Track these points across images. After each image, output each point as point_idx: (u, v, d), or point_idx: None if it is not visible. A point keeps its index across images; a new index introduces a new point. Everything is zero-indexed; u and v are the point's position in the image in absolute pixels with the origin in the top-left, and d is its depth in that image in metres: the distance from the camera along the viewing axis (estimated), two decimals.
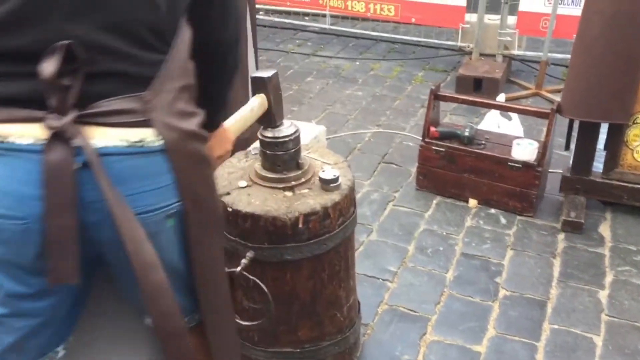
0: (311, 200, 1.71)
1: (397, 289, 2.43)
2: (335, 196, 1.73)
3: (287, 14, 5.43)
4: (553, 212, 2.91)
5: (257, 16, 5.44)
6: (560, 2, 3.99)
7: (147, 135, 1.02)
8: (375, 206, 2.97)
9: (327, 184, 1.71)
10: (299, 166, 1.78)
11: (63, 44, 0.96)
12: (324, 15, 5.17)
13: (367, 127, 3.79)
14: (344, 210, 1.76)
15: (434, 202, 3.00)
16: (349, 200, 1.79)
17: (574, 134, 2.79)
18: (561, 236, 2.74)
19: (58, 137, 0.97)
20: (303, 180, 1.78)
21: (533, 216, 2.86)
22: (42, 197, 0.98)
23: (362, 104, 4.15)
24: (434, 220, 2.86)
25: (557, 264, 2.58)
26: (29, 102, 0.99)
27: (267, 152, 1.75)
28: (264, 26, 5.61)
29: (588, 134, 2.72)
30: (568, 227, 2.75)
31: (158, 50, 1.07)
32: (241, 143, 1.85)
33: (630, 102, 2.57)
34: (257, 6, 5.30)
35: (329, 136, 3.63)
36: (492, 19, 4.50)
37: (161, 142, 1.03)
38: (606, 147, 2.78)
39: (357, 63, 4.89)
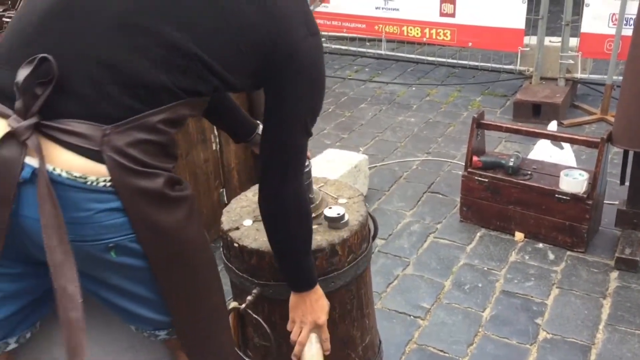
0: (319, 236, 1.66)
1: (428, 328, 2.33)
2: (343, 233, 1.68)
3: (348, 39, 5.45)
4: (608, 248, 2.71)
5: None
6: (625, 23, 3.77)
7: (94, 172, 1.04)
8: (415, 238, 2.88)
9: (332, 222, 1.66)
10: (309, 201, 1.74)
11: (42, 57, 1.02)
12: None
13: (415, 155, 3.70)
14: (354, 247, 1.71)
15: (478, 234, 2.87)
16: (361, 236, 1.73)
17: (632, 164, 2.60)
18: (614, 275, 2.54)
19: (13, 137, 1.02)
20: (313, 215, 1.73)
21: (584, 252, 2.68)
22: None
23: (414, 130, 4.06)
24: (476, 255, 2.73)
25: (606, 305, 2.39)
26: (6, 97, 1.06)
27: None
28: (324, 52, 5.65)
29: None
30: (622, 265, 2.55)
31: (140, 101, 1.08)
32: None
33: None
34: None
35: (376, 164, 3.58)
36: (553, 41, 4.32)
37: (107, 182, 1.05)
38: None
39: (413, 88, 4.82)
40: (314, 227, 1.71)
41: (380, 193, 3.29)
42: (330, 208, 1.70)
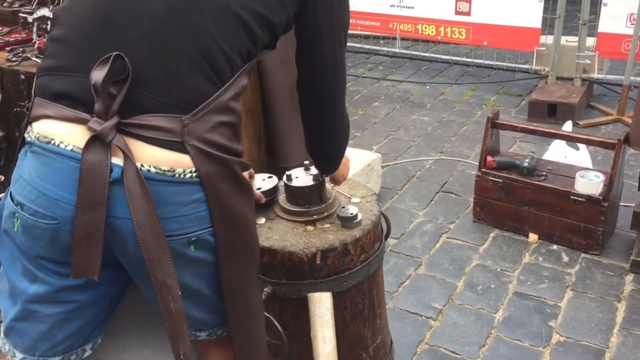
0: (331, 235, 1.66)
1: (440, 328, 2.31)
2: (356, 232, 1.67)
3: (362, 37, 5.43)
4: (623, 251, 2.67)
5: None
6: None
7: (180, 163, 1.06)
8: (427, 238, 2.86)
9: (345, 222, 1.65)
10: (322, 200, 1.73)
11: (116, 55, 1.03)
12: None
13: (429, 154, 3.68)
14: (366, 247, 1.70)
15: (491, 235, 2.85)
16: (373, 236, 1.72)
17: None
18: (629, 278, 2.51)
19: (98, 139, 1.02)
20: (326, 214, 1.73)
21: (599, 254, 2.65)
22: (74, 201, 1.03)
23: (427, 129, 4.04)
24: (489, 255, 2.71)
25: (621, 308, 2.36)
26: (79, 102, 1.06)
27: (290, 184, 1.72)
28: None
29: None
30: (637, 268, 2.52)
31: (210, 81, 1.09)
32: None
33: None
34: None
35: (389, 163, 3.56)
36: (569, 41, 4.27)
37: (193, 173, 1.07)
38: None
39: (427, 87, 4.79)
40: (327, 225, 1.71)
41: (393, 192, 3.28)
42: (343, 207, 1.69)
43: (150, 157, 1.05)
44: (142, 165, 1.04)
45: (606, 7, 3.92)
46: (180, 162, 1.06)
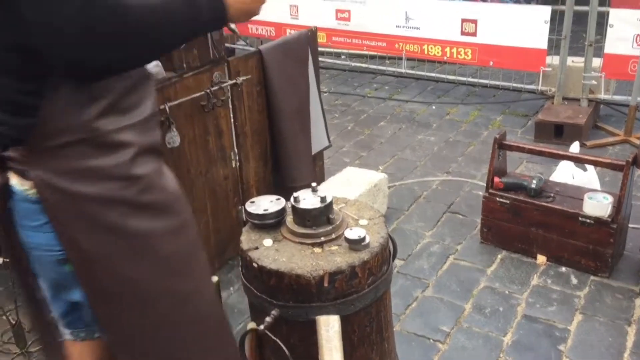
0: (339, 258, 1.64)
1: (448, 352, 2.28)
2: (364, 255, 1.65)
3: (368, 57, 5.45)
4: (633, 273, 2.65)
5: (337, 61, 5.52)
6: None
7: (29, 187, 1.16)
8: (434, 259, 2.84)
9: (352, 244, 1.64)
10: (329, 221, 1.73)
11: None
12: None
13: (435, 175, 3.67)
14: (374, 270, 1.68)
15: (499, 257, 2.82)
16: (381, 259, 1.70)
17: None
18: (639, 301, 2.48)
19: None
20: (333, 236, 1.72)
21: (609, 277, 2.62)
22: None
23: (434, 149, 4.03)
24: (496, 277, 2.68)
25: (631, 332, 2.33)
26: None
27: (297, 206, 1.71)
28: (343, 70, 5.67)
29: None
30: None
31: (23, 114, 1.13)
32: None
33: None
34: (336, 51, 5.40)
35: (395, 183, 3.55)
36: (576, 61, 4.28)
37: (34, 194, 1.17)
38: None
39: (433, 107, 4.80)
40: (334, 247, 1.70)
41: (400, 212, 3.26)
42: (351, 229, 1.68)
43: (16, 179, 1.18)
44: (13, 185, 1.19)
45: (612, 29, 3.93)
46: (28, 186, 1.17)
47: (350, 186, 2.97)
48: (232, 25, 1.44)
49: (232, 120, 2.71)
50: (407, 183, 3.59)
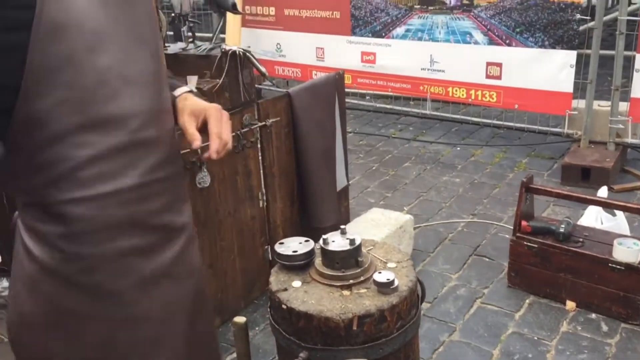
0: (367, 301, 1.65)
1: None
2: (393, 299, 1.65)
3: (392, 98, 5.51)
4: None
5: (361, 102, 5.59)
6: None
7: None
8: (461, 302, 2.81)
9: (381, 287, 1.64)
10: (358, 264, 1.73)
11: None
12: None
13: (461, 216, 3.66)
14: (403, 314, 1.68)
15: (527, 301, 2.79)
16: (409, 302, 1.70)
17: None
18: None
19: None
20: (362, 279, 1.72)
21: None
22: None
23: (459, 191, 4.03)
24: (525, 323, 2.65)
25: None
26: None
27: (326, 248, 1.73)
28: (368, 111, 5.73)
29: None
30: None
31: None
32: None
33: None
34: (360, 92, 5.47)
35: (420, 224, 3.55)
36: (602, 105, 4.28)
37: None
38: None
39: (458, 148, 4.81)
40: (363, 290, 1.70)
41: (425, 254, 3.25)
42: (379, 273, 1.69)
43: None
44: None
45: (639, 73, 3.93)
46: None
47: (376, 227, 2.98)
48: (262, 68, 1.48)
49: (260, 160, 2.76)
50: (432, 224, 3.58)
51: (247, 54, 2.62)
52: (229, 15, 4.43)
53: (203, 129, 1.27)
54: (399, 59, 5.00)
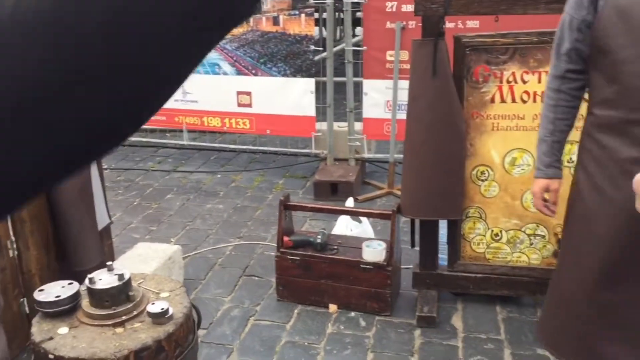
0: (143, 334, 1.63)
1: None
2: (169, 327, 1.67)
3: (148, 131, 5.43)
4: (410, 308, 2.99)
5: None
6: (398, 108, 4.33)
7: None
8: (236, 323, 2.90)
9: (156, 318, 1.65)
10: (129, 299, 1.71)
11: None
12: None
13: (228, 241, 3.77)
14: (180, 341, 1.70)
15: (295, 311, 2.99)
16: (186, 329, 1.73)
17: (420, 231, 2.95)
18: (417, 332, 2.81)
19: None
20: (135, 313, 1.71)
21: (390, 315, 2.93)
22: None
23: (224, 217, 4.14)
24: (296, 331, 2.83)
25: None
26: None
27: (94, 287, 1.67)
28: (123, 145, 5.55)
29: (429, 230, 2.89)
30: (423, 323, 2.84)
31: None
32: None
33: (459, 199, 2.78)
34: None
35: (189, 253, 3.56)
36: (341, 126, 4.79)
37: None
38: (448, 241, 2.96)
39: (219, 176, 4.94)
40: (137, 325, 1.68)
41: (197, 282, 3.28)
42: (152, 304, 1.69)
43: None
44: None
45: (367, 96, 4.50)
46: None
47: (144, 262, 2.92)
48: None
49: None
50: (201, 252, 3.62)
51: None
52: None
53: None
54: None
